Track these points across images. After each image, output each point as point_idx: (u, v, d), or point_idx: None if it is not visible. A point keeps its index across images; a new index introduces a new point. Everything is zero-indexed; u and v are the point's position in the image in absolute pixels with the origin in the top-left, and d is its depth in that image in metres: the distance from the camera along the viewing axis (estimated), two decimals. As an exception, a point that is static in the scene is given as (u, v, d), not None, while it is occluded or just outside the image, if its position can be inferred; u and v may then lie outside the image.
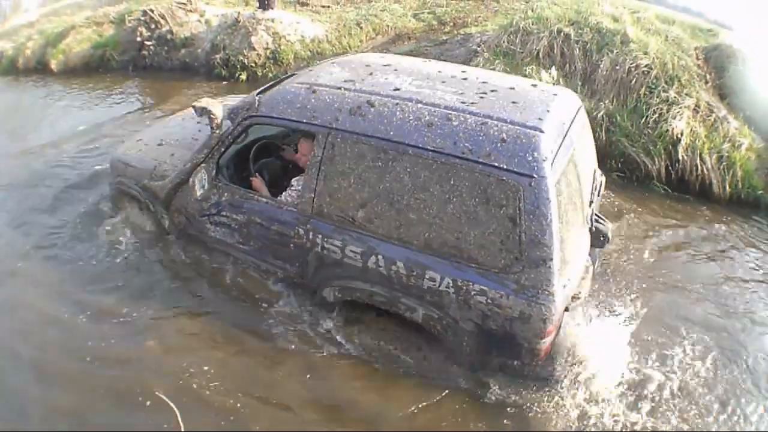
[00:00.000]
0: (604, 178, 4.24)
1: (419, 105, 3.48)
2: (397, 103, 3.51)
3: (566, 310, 3.49)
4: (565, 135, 3.50)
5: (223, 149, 4.03)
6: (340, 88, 3.69)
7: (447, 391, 3.59)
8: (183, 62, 8.67)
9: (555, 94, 3.72)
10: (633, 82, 6.51)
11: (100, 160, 5.83)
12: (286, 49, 8.35)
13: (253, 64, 8.30)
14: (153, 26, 8.74)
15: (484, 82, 3.77)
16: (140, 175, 4.45)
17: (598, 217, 4.10)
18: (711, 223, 5.55)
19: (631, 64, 6.56)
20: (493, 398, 3.55)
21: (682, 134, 6.03)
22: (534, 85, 3.93)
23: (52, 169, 5.84)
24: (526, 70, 6.82)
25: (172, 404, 2.76)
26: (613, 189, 5.78)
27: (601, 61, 6.75)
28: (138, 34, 8.73)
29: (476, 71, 4.11)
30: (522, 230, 3.20)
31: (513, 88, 3.73)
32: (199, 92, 7.67)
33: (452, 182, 3.31)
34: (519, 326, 3.36)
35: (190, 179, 4.14)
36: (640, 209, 5.66)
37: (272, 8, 8.68)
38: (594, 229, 3.97)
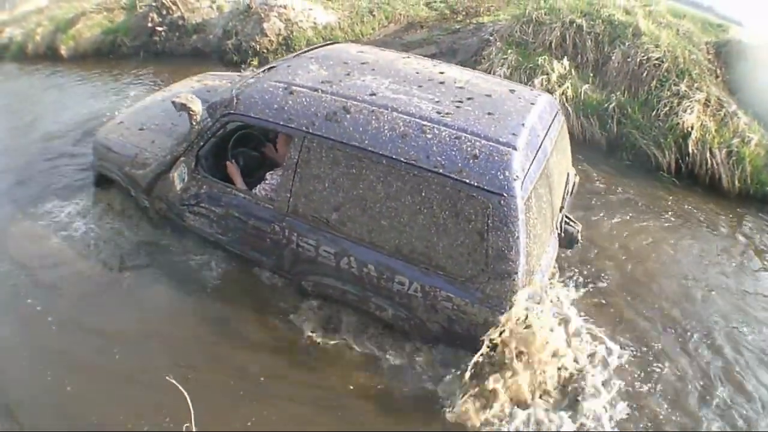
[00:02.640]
0: (577, 179, 4.26)
1: (395, 114, 3.47)
2: (372, 111, 3.50)
3: None
4: (539, 148, 3.50)
5: (202, 143, 4.05)
6: (317, 90, 3.69)
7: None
8: (195, 48, 8.67)
9: (532, 104, 3.70)
10: (644, 74, 6.51)
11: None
12: (299, 36, 8.33)
13: (265, 50, 8.29)
14: (164, 12, 8.76)
15: (460, 88, 3.75)
16: (122, 161, 4.48)
17: (568, 218, 4.15)
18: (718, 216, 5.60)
19: (643, 56, 6.56)
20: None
21: (692, 128, 6.01)
22: (512, 91, 3.85)
23: (59, 156, 5.89)
24: (538, 60, 6.85)
25: (182, 389, 2.77)
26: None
27: (613, 52, 6.77)
28: (149, 19, 8.75)
29: (454, 72, 4.05)
30: (489, 244, 3.24)
31: (489, 96, 3.70)
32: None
33: (423, 194, 3.33)
34: (484, 331, 3.41)
35: (170, 173, 4.17)
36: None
37: (284, -6, 8.68)
38: (563, 232, 4.04)
